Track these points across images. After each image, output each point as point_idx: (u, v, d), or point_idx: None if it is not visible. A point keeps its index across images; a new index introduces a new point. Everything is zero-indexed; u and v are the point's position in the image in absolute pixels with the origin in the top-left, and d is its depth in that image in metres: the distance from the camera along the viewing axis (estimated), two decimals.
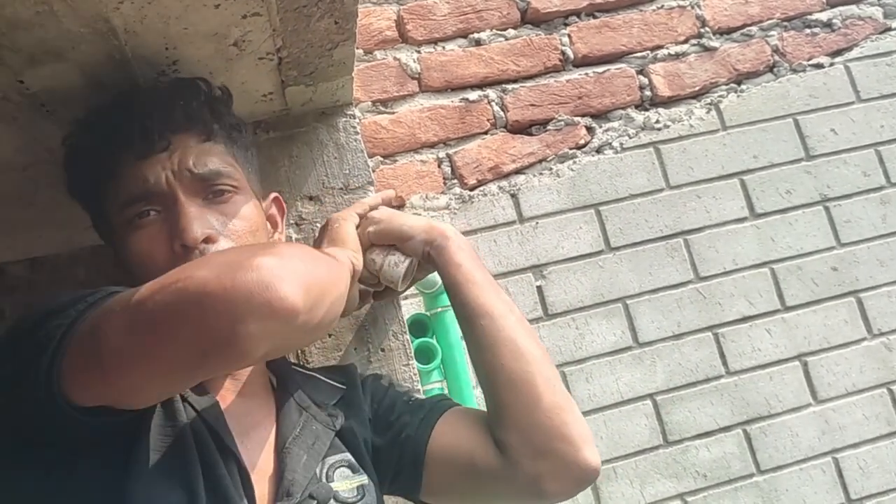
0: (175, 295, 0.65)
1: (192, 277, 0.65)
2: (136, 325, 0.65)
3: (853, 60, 1.65)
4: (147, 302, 0.66)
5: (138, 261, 0.84)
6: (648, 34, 1.60)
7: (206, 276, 0.64)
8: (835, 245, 1.55)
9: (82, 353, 0.66)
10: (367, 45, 1.48)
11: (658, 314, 1.47)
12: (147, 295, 0.66)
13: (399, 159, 1.46)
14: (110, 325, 0.66)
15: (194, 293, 0.64)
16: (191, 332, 0.64)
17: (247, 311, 0.63)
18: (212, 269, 0.65)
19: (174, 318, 0.64)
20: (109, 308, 0.68)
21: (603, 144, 1.54)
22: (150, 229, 0.85)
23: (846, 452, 1.46)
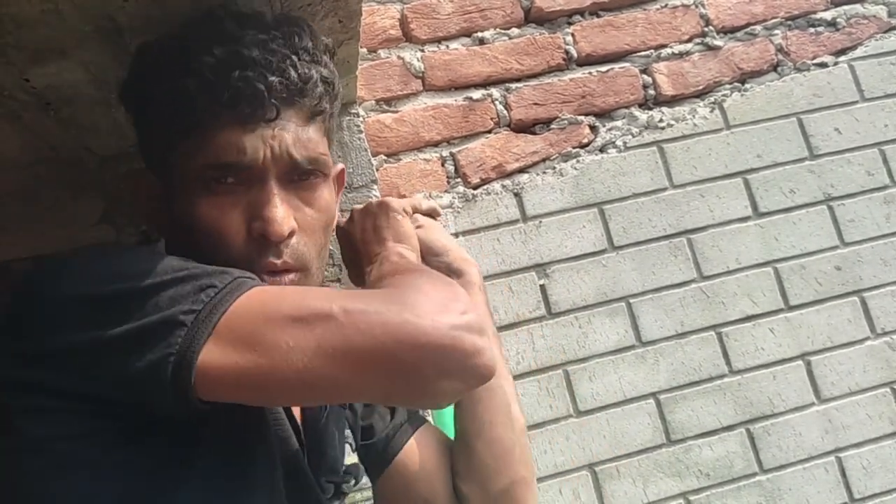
0: (390, 334, 0.62)
1: (413, 323, 0.62)
2: (329, 353, 0.62)
3: (857, 59, 1.65)
4: (347, 328, 0.62)
5: (206, 229, 0.76)
6: (652, 33, 1.60)
7: (427, 326, 0.62)
8: (838, 244, 1.55)
9: (234, 354, 0.62)
10: (370, 44, 1.48)
11: (661, 313, 1.47)
12: (344, 318, 0.62)
13: (403, 158, 1.46)
14: (290, 339, 0.62)
15: (415, 341, 0.62)
16: (397, 376, 0.63)
17: (457, 370, 0.64)
18: (429, 319, 0.63)
19: (384, 359, 0.62)
20: (277, 314, 0.63)
21: (606, 143, 1.54)
22: (225, 199, 0.76)
23: (849, 452, 1.46)
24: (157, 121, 0.80)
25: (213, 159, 0.75)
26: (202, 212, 0.76)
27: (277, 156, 0.76)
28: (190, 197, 0.77)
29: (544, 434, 1.38)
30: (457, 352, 0.63)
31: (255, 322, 0.63)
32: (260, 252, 0.76)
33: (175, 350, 0.61)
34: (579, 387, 1.42)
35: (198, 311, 0.62)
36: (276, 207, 0.76)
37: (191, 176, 0.76)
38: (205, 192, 0.76)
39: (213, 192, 0.76)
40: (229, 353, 0.62)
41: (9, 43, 0.82)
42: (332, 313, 0.62)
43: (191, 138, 0.76)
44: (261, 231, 0.75)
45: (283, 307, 0.64)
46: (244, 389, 0.64)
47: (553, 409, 1.40)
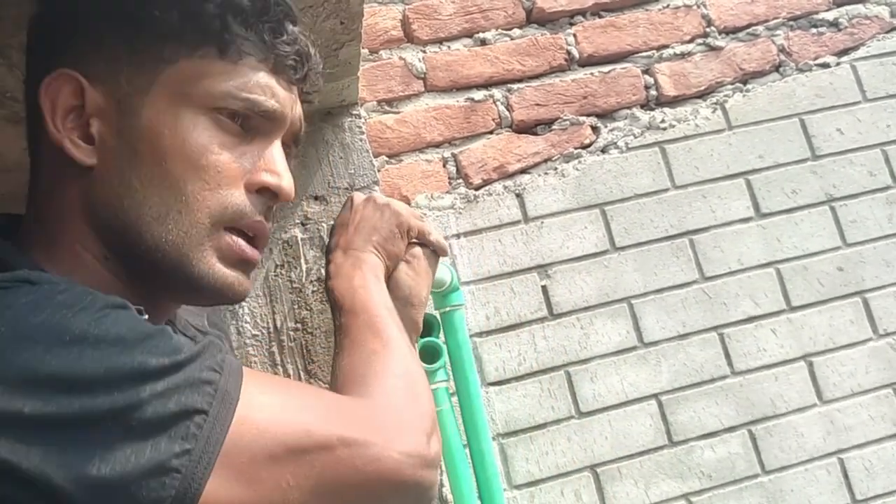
0: (379, 475, 0.64)
1: (391, 457, 0.65)
2: (331, 491, 0.62)
3: (859, 60, 1.65)
4: (351, 470, 0.63)
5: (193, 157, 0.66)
6: (654, 33, 1.60)
7: (402, 462, 0.65)
8: (840, 245, 1.55)
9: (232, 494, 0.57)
10: (372, 45, 1.48)
11: (663, 314, 1.47)
12: (352, 459, 0.63)
13: (404, 159, 1.46)
14: (293, 478, 0.60)
15: (392, 476, 0.65)
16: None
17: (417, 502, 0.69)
18: (406, 456, 0.66)
19: (367, 496, 0.65)
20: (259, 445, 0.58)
21: (608, 144, 1.54)
22: (227, 138, 0.68)
23: (852, 453, 1.46)
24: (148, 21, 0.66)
25: (246, 92, 0.68)
26: (202, 141, 0.66)
27: (293, 120, 0.74)
28: (184, 122, 0.66)
29: (546, 435, 1.38)
30: (420, 489, 0.67)
31: (255, 455, 0.58)
32: (254, 207, 0.69)
33: (170, 499, 0.53)
34: (581, 388, 1.42)
35: (189, 451, 0.54)
36: (286, 167, 0.72)
37: (198, 100, 0.67)
38: (210, 123, 0.67)
39: (219, 127, 0.68)
40: (226, 491, 0.56)
41: (10, 45, 0.82)
42: (333, 446, 0.62)
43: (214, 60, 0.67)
44: (270, 184, 0.70)
45: (285, 436, 0.60)
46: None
47: (555, 411, 1.40)
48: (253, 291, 1.17)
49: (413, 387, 0.76)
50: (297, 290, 1.18)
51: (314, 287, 1.19)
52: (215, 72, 0.67)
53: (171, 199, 0.65)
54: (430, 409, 0.75)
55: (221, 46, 0.67)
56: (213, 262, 0.68)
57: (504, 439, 1.37)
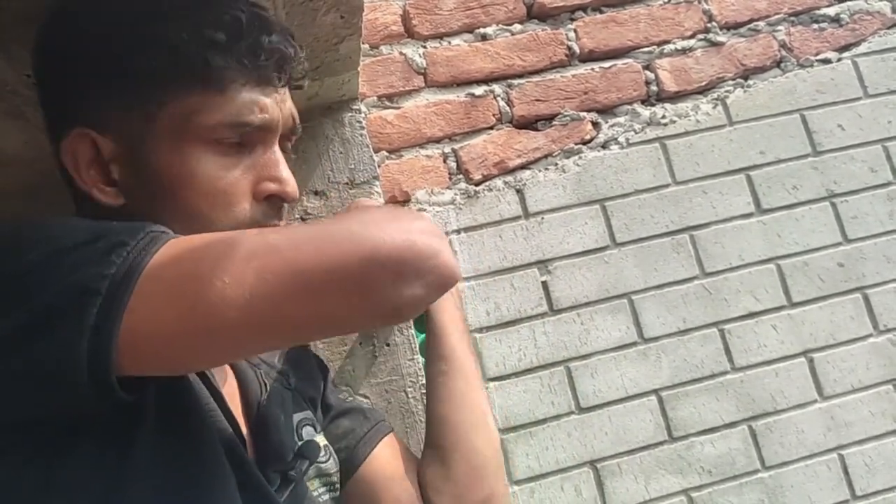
0: (338, 249, 0.57)
1: (362, 234, 0.58)
2: (278, 280, 0.55)
3: (861, 56, 1.65)
4: (296, 253, 0.57)
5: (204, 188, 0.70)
6: (655, 29, 1.59)
7: (383, 236, 0.58)
8: (841, 241, 1.55)
9: (165, 311, 0.55)
10: (372, 40, 1.48)
11: (663, 310, 1.47)
12: (285, 244, 0.57)
13: (404, 154, 1.46)
14: (228, 275, 0.55)
15: (374, 251, 0.57)
16: (352, 293, 0.57)
17: (420, 274, 0.59)
18: (377, 228, 0.59)
19: (336, 276, 0.57)
20: (210, 255, 0.57)
21: (609, 140, 1.53)
22: (229, 159, 0.72)
23: (852, 449, 1.46)
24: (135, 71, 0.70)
25: (235, 117, 0.71)
26: (208, 172, 0.70)
27: (286, 118, 0.77)
28: (188, 157, 0.70)
29: (546, 431, 1.38)
30: (412, 254, 0.59)
31: (182, 269, 0.56)
32: (266, 214, 0.73)
33: (91, 322, 0.52)
34: (581, 383, 1.42)
35: (111, 275, 0.54)
36: (287, 169, 0.75)
37: (195, 134, 0.70)
38: (211, 153, 0.71)
39: (220, 153, 0.71)
40: (155, 308, 0.55)
41: (11, 38, 0.82)
42: (270, 241, 0.58)
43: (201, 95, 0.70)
44: (276, 192, 0.73)
45: (213, 247, 0.57)
46: (178, 349, 0.57)
47: (555, 406, 1.40)
48: None
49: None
50: None
51: None
52: (205, 107, 0.71)
53: (195, 226, 0.68)
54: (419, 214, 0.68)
55: (205, 82, 0.71)
56: None
57: (504, 434, 1.37)
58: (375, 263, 0.57)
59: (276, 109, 0.74)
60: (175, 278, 0.56)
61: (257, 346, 0.64)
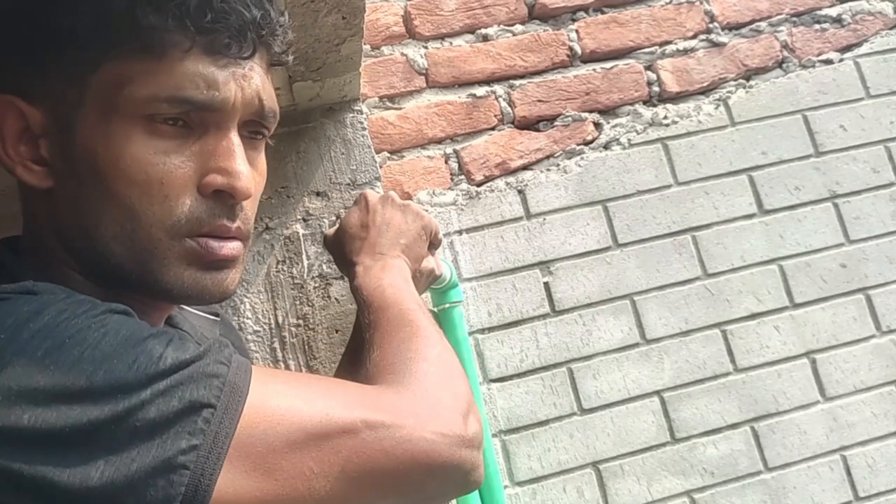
0: (409, 456, 0.61)
1: (430, 442, 0.63)
2: (358, 477, 0.59)
3: (863, 56, 1.64)
4: (378, 454, 0.60)
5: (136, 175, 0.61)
6: (657, 29, 1.59)
7: (440, 446, 0.63)
8: (844, 242, 1.55)
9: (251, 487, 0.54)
10: (374, 41, 1.48)
11: (665, 311, 1.46)
12: (379, 442, 0.60)
13: (406, 155, 1.45)
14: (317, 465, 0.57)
15: (428, 462, 0.63)
16: (405, 493, 0.63)
17: (459, 485, 0.67)
18: (440, 436, 0.64)
19: (400, 480, 0.62)
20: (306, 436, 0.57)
21: (610, 140, 1.53)
22: (171, 143, 0.62)
23: (854, 450, 1.46)
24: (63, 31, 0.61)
25: (174, 91, 0.60)
26: (138, 155, 0.60)
27: (248, 99, 0.65)
28: (116, 135, 0.60)
29: (548, 432, 1.38)
30: (461, 470, 0.65)
31: (272, 444, 0.55)
32: (212, 212, 0.64)
33: (180, 498, 0.51)
34: (583, 385, 1.41)
35: (198, 446, 0.52)
36: (243, 161, 0.65)
37: (126, 109, 0.60)
38: (144, 132, 0.61)
39: (155, 133, 0.61)
40: (243, 484, 0.54)
41: None
42: (358, 430, 0.59)
43: (134, 61, 0.60)
44: (223, 186, 0.63)
45: (302, 422, 0.57)
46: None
47: (557, 407, 1.39)
48: (254, 287, 1.17)
49: (446, 369, 0.73)
50: (298, 286, 1.18)
51: (316, 283, 1.19)
52: (137, 74, 0.60)
53: (123, 218, 0.61)
54: (465, 390, 0.72)
55: (137, 45, 0.60)
56: (181, 271, 0.64)
57: (506, 436, 1.37)
58: (431, 475, 0.63)
59: (232, 86, 0.63)
60: (264, 455, 0.55)
61: None
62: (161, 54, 0.60)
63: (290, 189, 1.22)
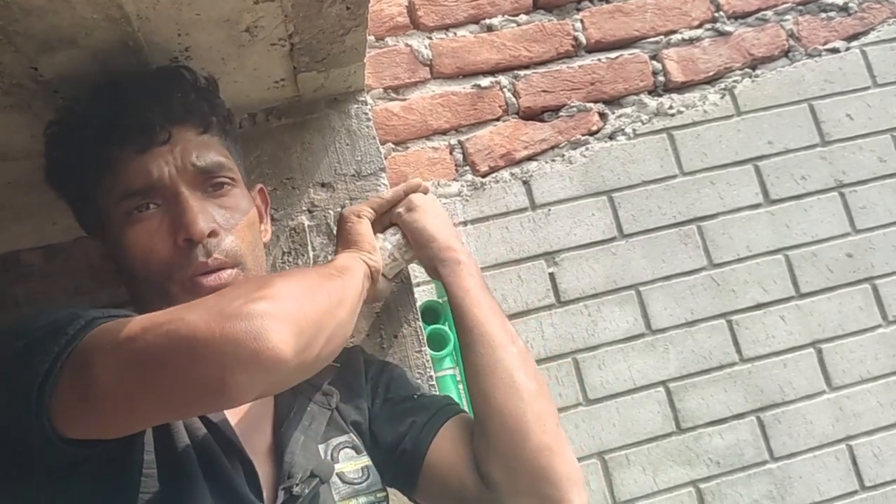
0: (165, 338, 0.64)
1: (184, 321, 0.64)
2: (127, 367, 0.65)
3: (869, 45, 1.63)
4: (137, 342, 0.65)
5: (139, 255, 0.84)
6: (662, 19, 1.58)
7: (196, 322, 0.63)
8: (850, 231, 1.54)
9: (73, 388, 0.65)
10: (378, 32, 1.47)
11: (671, 301, 1.46)
12: (137, 334, 0.65)
13: (411, 146, 1.45)
14: (101, 363, 0.65)
15: (185, 339, 0.63)
16: (181, 379, 0.64)
17: (235, 361, 0.62)
18: (203, 315, 0.64)
19: (164, 363, 0.64)
20: (98, 343, 0.66)
21: (616, 130, 1.53)
22: (149, 223, 0.84)
23: (860, 440, 1.46)
24: (76, 178, 0.89)
25: (125, 189, 0.84)
26: (131, 240, 0.84)
27: (181, 168, 0.85)
28: (120, 234, 0.85)
29: None
30: (228, 343, 0.62)
31: (91, 353, 0.65)
32: (188, 256, 0.83)
33: (34, 393, 0.64)
34: (589, 375, 1.41)
35: (51, 358, 0.65)
36: (190, 210, 0.83)
37: (113, 215, 0.85)
38: (131, 224, 0.84)
39: (136, 221, 0.84)
40: (70, 388, 0.64)
41: (17, 31, 0.82)
42: (134, 333, 0.65)
43: (104, 182, 0.85)
44: (185, 235, 0.82)
45: (113, 334, 0.66)
46: (89, 423, 0.67)
47: (562, 398, 1.40)
48: None
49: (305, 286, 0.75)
50: None
51: None
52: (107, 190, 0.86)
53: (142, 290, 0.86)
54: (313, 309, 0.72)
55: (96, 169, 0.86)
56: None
57: None
58: (195, 354, 0.63)
59: (158, 168, 0.84)
60: (83, 362, 0.65)
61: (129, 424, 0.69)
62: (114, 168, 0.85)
63: (296, 180, 1.21)
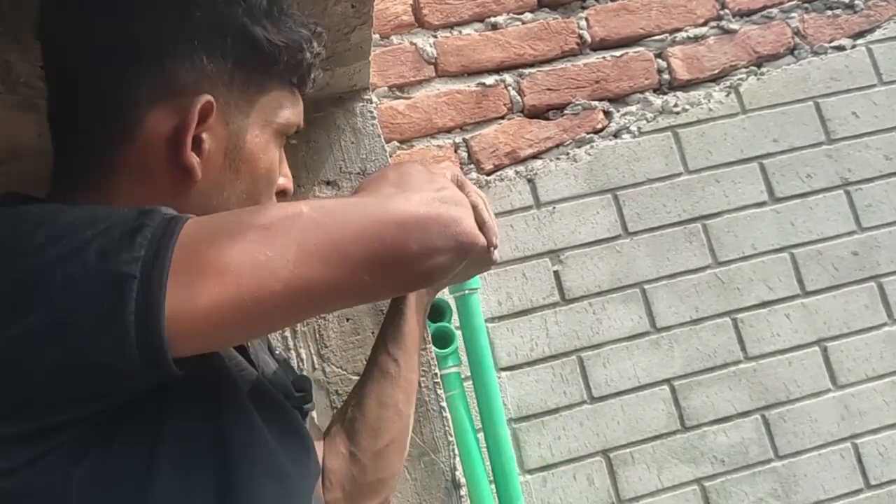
0: (370, 219, 0.61)
1: (389, 204, 0.63)
2: (319, 251, 0.57)
3: (875, 42, 1.63)
4: (333, 225, 0.59)
5: (269, 174, 0.75)
6: (667, 17, 1.58)
7: (402, 204, 0.63)
8: (855, 229, 1.54)
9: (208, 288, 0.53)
10: (383, 30, 1.48)
11: (676, 299, 1.46)
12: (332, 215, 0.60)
13: (416, 144, 1.45)
14: (269, 248, 0.55)
15: (394, 220, 0.61)
16: (387, 260, 0.61)
17: (441, 242, 0.63)
18: (403, 198, 0.64)
19: (371, 245, 0.59)
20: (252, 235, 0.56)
21: (620, 129, 1.53)
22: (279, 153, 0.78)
23: (865, 438, 1.45)
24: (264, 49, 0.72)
25: (297, 118, 0.77)
26: (273, 162, 0.75)
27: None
28: (269, 144, 0.75)
29: (558, 420, 1.39)
30: (437, 224, 0.63)
31: (217, 244, 0.55)
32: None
33: (133, 308, 0.50)
34: (593, 373, 1.42)
35: (141, 257, 0.52)
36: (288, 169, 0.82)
37: (275, 126, 0.75)
38: (276, 145, 0.76)
39: (278, 146, 0.77)
40: (200, 288, 0.53)
41: (24, 29, 0.82)
42: (304, 213, 0.59)
43: (287, 92, 0.76)
44: (283, 186, 0.78)
45: (243, 221, 0.58)
46: (229, 325, 0.56)
47: (567, 396, 1.40)
48: None
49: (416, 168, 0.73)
50: None
51: None
52: (286, 102, 0.76)
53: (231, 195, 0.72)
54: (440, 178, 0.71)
55: (294, 79, 0.76)
56: None
57: (516, 424, 1.37)
58: (405, 233, 0.61)
59: (301, 116, 0.80)
60: (212, 256, 0.54)
61: (299, 315, 0.68)
62: (299, 91, 0.77)
63: (301, 178, 1.22)
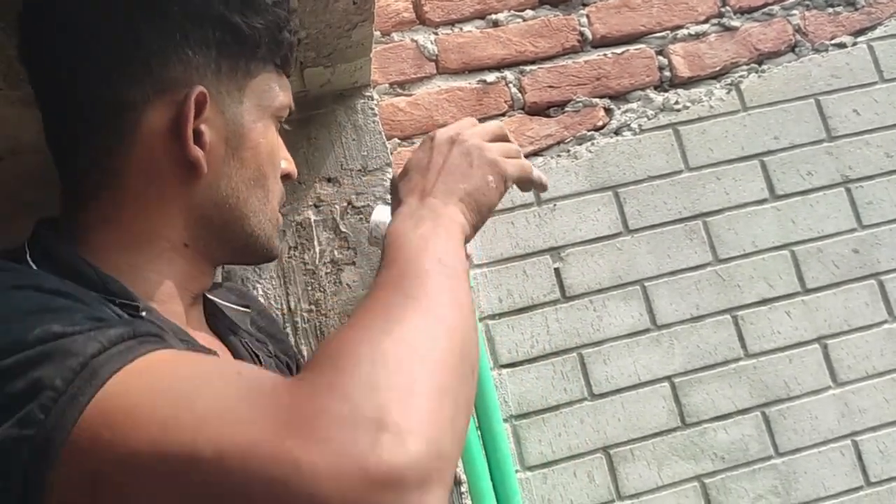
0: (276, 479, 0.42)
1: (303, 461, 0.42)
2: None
3: (877, 40, 1.63)
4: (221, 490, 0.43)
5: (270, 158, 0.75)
6: (668, 14, 1.58)
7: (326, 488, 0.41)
8: (856, 227, 1.54)
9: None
10: (384, 27, 1.48)
11: (676, 296, 1.46)
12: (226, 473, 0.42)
13: (416, 141, 1.45)
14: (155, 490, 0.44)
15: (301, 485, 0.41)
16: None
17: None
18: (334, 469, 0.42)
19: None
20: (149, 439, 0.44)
21: (621, 126, 1.53)
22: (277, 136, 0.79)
23: (866, 435, 1.45)
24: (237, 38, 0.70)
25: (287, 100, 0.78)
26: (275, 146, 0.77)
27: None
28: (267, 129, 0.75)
29: (559, 417, 1.39)
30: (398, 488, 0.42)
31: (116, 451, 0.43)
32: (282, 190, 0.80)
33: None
34: (594, 370, 1.42)
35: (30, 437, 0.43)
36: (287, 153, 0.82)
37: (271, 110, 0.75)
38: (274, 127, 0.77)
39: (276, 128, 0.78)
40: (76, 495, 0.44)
41: None
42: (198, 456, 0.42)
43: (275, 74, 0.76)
44: (287, 170, 0.79)
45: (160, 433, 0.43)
46: None
47: (567, 393, 1.40)
48: (267, 273, 1.18)
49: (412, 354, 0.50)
50: (310, 271, 1.19)
51: (327, 269, 1.19)
52: (275, 85, 0.76)
53: (263, 196, 0.74)
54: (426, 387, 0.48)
55: (278, 61, 0.76)
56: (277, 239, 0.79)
57: (517, 421, 1.38)
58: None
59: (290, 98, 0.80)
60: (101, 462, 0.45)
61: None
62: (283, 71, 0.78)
63: (302, 175, 1.22)
